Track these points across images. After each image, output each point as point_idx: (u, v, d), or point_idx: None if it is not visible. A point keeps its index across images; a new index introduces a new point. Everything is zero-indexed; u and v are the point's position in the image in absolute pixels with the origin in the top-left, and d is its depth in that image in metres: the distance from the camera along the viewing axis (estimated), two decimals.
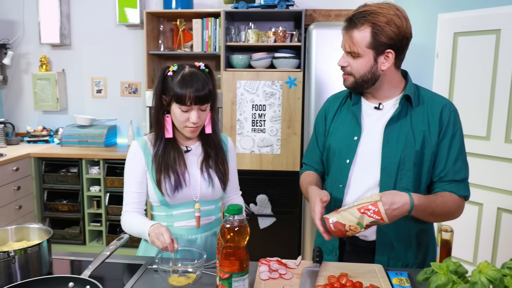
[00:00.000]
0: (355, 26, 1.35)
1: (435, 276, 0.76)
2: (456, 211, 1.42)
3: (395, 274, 1.34)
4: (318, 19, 3.44)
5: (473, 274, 0.72)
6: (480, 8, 2.80)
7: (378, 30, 1.33)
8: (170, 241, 1.36)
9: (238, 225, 1.13)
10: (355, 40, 1.35)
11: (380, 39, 1.34)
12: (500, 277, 0.71)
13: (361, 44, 1.35)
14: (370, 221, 1.27)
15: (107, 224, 3.51)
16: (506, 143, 2.70)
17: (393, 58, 1.38)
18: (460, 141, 1.44)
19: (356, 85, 1.44)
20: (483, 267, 0.72)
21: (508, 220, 2.73)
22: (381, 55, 1.37)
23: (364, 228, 1.30)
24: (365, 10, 1.36)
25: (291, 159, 3.27)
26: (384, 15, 1.34)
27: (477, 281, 0.71)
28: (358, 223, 1.28)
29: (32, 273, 1.30)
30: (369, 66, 1.38)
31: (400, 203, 1.27)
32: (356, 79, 1.42)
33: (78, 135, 3.69)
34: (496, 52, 2.72)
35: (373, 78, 1.41)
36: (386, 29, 1.33)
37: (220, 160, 1.64)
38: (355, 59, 1.39)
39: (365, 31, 1.34)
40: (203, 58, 3.63)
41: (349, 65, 1.41)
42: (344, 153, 1.50)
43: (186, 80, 1.48)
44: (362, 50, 1.36)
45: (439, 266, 0.77)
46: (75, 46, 3.93)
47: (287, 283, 1.28)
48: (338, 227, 1.31)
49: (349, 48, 1.38)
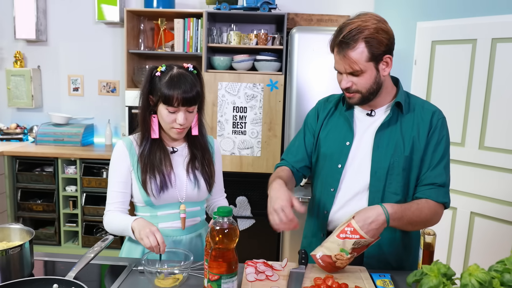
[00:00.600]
0: (348, 47, 1.35)
1: (426, 278, 0.78)
2: (433, 218, 1.45)
3: (379, 276, 1.37)
4: (300, 23, 3.47)
5: (464, 277, 0.75)
6: (458, 18, 2.89)
7: (372, 42, 1.35)
8: (162, 241, 1.35)
9: (228, 227, 1.13)
10: (354, 59, 1.36)
11: (377, 49, 1.36)
12: (489, 280, 0.73)
13: (360, 61, 1.36)
14: (352, 244, 1.29)
15: (83, 224, 3.43)
16: (480, 149, 2.79)
17: (391, 62, 1.41)
18: (445, 148, 1.48)
19: (363, 100, 1.45)
20: (473, 270, 0.75)
21: (480, 224, 2.82)
22: (380, 62, 1.40)
23: (350, 254, 1.31)
24: (351, 28, 1.35)
25: (272, 161, 3.29)
26: (370, 27, 1.35)
27: (468, 283, 0.73)
28: (342, 250, 1.31)
29: (13, 274, 1.27)
30: (374, 78, 1.40)
31: (374, 216, 1.30)
32: (363, 94, 1.43)
33: (54, 133, 3.60)
34: (472, 61, 2.81)
35: (378, 87, 1.44)
36: (379, 38, 1.35)
37: (206, 162, 1.64)
38: (359, 76, 1.40)
39: (360, 48, 1.35)
40: (184, 58, 3.60)
41: (353, 84, 1.41)
42: (336, 158, 1.52)
43: (174, 81, 1.47)
44: (364, 65, 1.37)
45: (430, 268, 0.79)
46: (52, 43, 3.84)
47: (274, 285, 1.29)
48: (326, 260, 1.34)
49: (351, 68, 1.38)
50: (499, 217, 2.72)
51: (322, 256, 1.34)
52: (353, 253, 1.33)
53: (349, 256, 1.32)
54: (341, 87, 1.45)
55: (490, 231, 2.76)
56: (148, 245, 1.36)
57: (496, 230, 2.73)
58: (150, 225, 1.42)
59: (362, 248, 1.35)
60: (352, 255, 1.33)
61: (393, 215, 1.33)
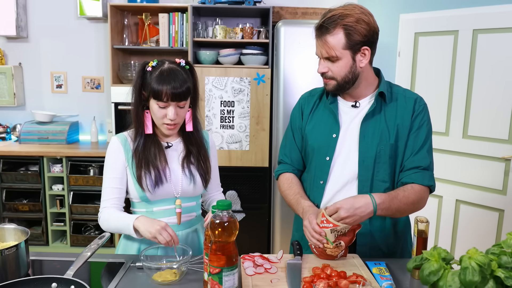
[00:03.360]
0: (328, 32, 1.39)
1: (427, 263, 0.81)
2: (420, 202, 1.48)
3: (374, 264, 1.40)
4: (285, 16, 3.48)
5: (464, 260, 0.78)
6: (440, 9, 2.94)
7: (350, 30, 1.38)
8: (174, 235, 1.38)
9: (228, 220, 1.14)
10: (331, 44, 1.39)
11: (354, 38, 1.39)
12: (488, 262, 0.76)
13: (337, 47, 1.39)
14: (330, 232, 1.35)
15: (71, 223, 3.39)
16: (463, 138, 2.86)
17: (369, 54, 1.44)
18: (427, 132, 1.52)
19: (339, 88, 1.48)
20: (472, 253, 0.78)
21: (466, 211, 2.90)
22: (358, 53, 1.42)
23: (334, 242, 1.36)
24: (332, 14, 1.39)
25: (260, 155, 3.30)
26: (352, 15, 1.39)
27: (468, 266, 0.76)
28: (326, 238, 1.36)
29: (10, 275, 1.26)
30: (349, 66, 1.43)
31: (361, 203, 1.35)
32: (338, 81, 1.46)
33: (38, 132, 3.54)
34: (454, 52, 2.87)
35: (354, 77, 1.46)
36: (358, 28, 1.38)
37: (202, 158, 1.64)
38: (335, 63, 1.43)
39: (338, 34, 1.38)
40: (170, 53, 3.58)
41: (329, 70, 1.45)
42: (323, 151, 1.54)
43: (163, 76, 1.47)
44: (340, 52, 1.40)
45: (430, 253, 0.82)
46: (33, 39, 3.75)
47: (273, 277, 1.31)
48: (318, 249, 1.41)
49: (327, 54, 1.42)
50: (483, 204, 2.80)
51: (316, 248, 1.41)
52: (337, 241, 1.37)
53: (334, 245, 1.36)
54: (318, 71, 1.49)
55: (475, 217, 2.84)
56: (163, 242, 1.38)
57: (481, 216, 2.81)
58: (157, 221, 1.43)
59: (347, 236, 1.39)
60: (338, 244, 1.37)
61: (380, 205, 1.37)
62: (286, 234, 3.23)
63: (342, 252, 1.42)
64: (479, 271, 0.75)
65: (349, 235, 1.39)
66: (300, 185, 1.64)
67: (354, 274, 1.29)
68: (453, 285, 0.77)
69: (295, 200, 1.58)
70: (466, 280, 0.75)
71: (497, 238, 2.79)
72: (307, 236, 1.42)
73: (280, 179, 1.71)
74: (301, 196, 1.57)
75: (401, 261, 1.51)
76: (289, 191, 1.63)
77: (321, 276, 1.28)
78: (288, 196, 1.63)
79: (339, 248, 1.39)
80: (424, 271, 0.80)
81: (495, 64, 2.65)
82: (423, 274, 0.81)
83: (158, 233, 1.38)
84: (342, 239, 1.38)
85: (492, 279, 0.77)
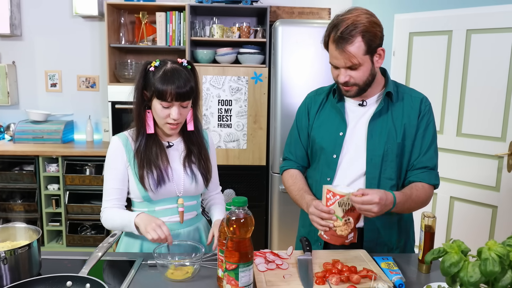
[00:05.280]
0: (347, 42, 1.39)
1: (448, 255, 0.84)
2: (427, 200, 1.55)
3: (382, 259, 1.43)
4: (282, 16, 3.50)
5: (483, 251, 0.81)
6: (434, 10, 3.00)
7: (369, 36, 1.40)
8: (168, 233, 1.37)
9: (244, 216, 1.16)
10: (352, 53, 1.40)
11: (373, 43, 1.42)
12: (507, 253, 0.80)
13: (358, 54, 1.41)
14: (338, 206, 1.37)
15: (67, 223, 3.37)
16: (458, 136, 2.92)
17: (384, 53, 1.47)
18: (433, 132, 1.57)
19: (360, 92, 1.51)
20: (491, 245, 0.81)
21: (460, 207, 2.96)
22: (375, 54, 1.46)
23: (343, 217, 1.38)
24: (347, 24, 1.39)
25: (257, 153, 3.32)
26: (365, 21, 1.40)
27: (488, 257, 0.79)
28: (335, 216, 1.38)
29: (22, 274, 1.26)
30: (369, 70, 1.46)
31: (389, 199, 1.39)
32: (360, 86, 1.49)
33: (33, 131, 3.50)
34: (448, 52, 2.93)
35: (372, 78, 1.50)
36: (374, 31, 1.41)
37: (203, 158, 1.65)
38: (357, 70, 1.45)
39: (358, 42, 1.40)
40: (167, 52, 3.58)
41: (351, 78, 1.46)
42: (330, 149, 1.57)
43: (167, 76, 1.47)
44: (361, 59, 1.42)
45: (450, 246, 0.85)
46: (27, 37, 3.72)
47: (286, 273, 1.33)
48: (328, 233, 1.41)
49: (350, 63, 1.43)
50: (477, 201, 2.85)
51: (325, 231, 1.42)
52: (346, 217, 1.39)
53: (343, 222, 1.38)
54: (339, 81, 1.49)
55: (470, 214, 2.90)
56: (155, 238, 1.38)
57: (475, 213, 2.87)
58: (155, 219, 1.44)
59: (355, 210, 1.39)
60: (347, 220, 1.39)
61: (398, 205, 1.42)
62: (284, 232, 3.26)
63: (352, 235, 1.43)
64: (499, 262, 0.78)
65: (357, 211, 1.40)
66: (304, 181, 1.68)
67: (365, 269, 1.32)
68: (474, 276, 0.80)
69: (299, 195, 1.62)
70: (487, 270, 0.78)
71: (490, 234, 2.85)
72: (315, 222, 1.43)
73: (284, 175, 1.75)
74: (305, 191, 1.61)
75: (405, 256, 1.55)
76: (293, 186, 1.67)
77: (333, 271, 1.30)
78: (292, 191, 1.67)
79: (348, 226, 1.40)
80: (445, 263, 0.83)
81: (488, 63, 2.71)
82: (443, 265, 0.84)
83: (152, 230, 1.39)
84: (350, 215, 1.40)
85: (510, 270, 0.80)
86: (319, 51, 3.06)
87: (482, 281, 0.80)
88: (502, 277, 0.80)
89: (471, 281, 0.80)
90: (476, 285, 0.81)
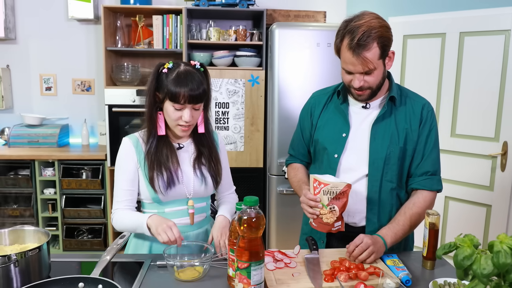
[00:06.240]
0: (365, 48, 1.41)
1: (460, 249, 0.86)
2: (429, 206, 1.59)
3: (387, 257, 1.46)
4: (278, 19, 3.54)
5: (495, 244, 0.84)
6: (428, 13, 3.05)
7: (383, 41, 1.43)
8: (179, 235, 1.38)
9: (255, 216, 1.18)
10: (369, 59, 1.42)
11: (387, 47, 1.46)
12: None
13: (374, 59, 1.43)
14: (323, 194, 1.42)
15: (64, 227, 3.36)
16: (452, 137, 2.97)
17: (393, 56, 1.50)
18: (435, 138, 1.60)
19: (373, 94, 1.54)
20: (503, 238, 0.84)
21: (454, 207, 3.00)
22: (386, 57, 1.49)
23: (328, 205, 1.42)
24: (363, 31, 1.40)
25: (255, 155, 3.34)
26: (377, 26, 1.42)
27: (500, 250, 0.82)
28: (321, 204, 1.43)
29: (33, 277, 1.26)
30: (382, 73, 1.50)
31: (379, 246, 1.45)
32: (373, 90, 1.51)
33: (28, 135, 3.48)
34: (442, 54, 2.98)
35: (383, 80, 1.54)
36: (388, 36, 1.44)
37: (214, 160, 1.65)
38: (371, 74, 1.47)
39: (374, 48, 1.42)
40: (163, 55, 3.58)
41: (365, 82, 1.48)
42: (332, 148, 1.60)
43: (181, 78, 1.48)
44: (376, 63, 1.44)
45: (462, 240, 0.88)
46: (21, 41, 3.69)
47: (294, 271, 1.35)
48: (316, 220, 1.45)
49: (367, 68, 1.44)
50: (471, 200, 2.90)
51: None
52: (331, 205, 1.42)
53: (328, 210, 1.42)
54: (353, 86, 1.50)
55: (464, 213, 2.95)
56: (166, 240, 1.39)
57: (470, 212, 2.92)
58: (166, 220, 1.45)
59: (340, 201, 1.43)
60: (332, 208, 1.42)
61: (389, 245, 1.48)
62: (282, 234, 3.28)
63: (339, 223, 1.46)
64: (511, 254, 0.81)
65: (342, 200, 1.43)
66: (305, 173, 1.75)
67: (372, 266, 1.35)
68: (487, 268, 0.83)
69: (298, 186, 1.70)
70: (500, 262, 0.81)
71: (485, 233, 2.90)
72: (305, 210, 1.48)
73: (288, 168, 1.85)
74: (303, 182, 1.67)
75: (408, 253, 1.59)
76: (294, 178, 1.76)
77: (341, 268, 1.33)
78: (293, 183, 1.76)
79: (333, 214, 1.43)
80: (458, 256, 0.86)
81: (481, 65, 2.76)
82: (457, 259, 0.86)
83: (163, 231, 1.40)
84: (335, 203, 1.42)
85: None
86: (315, 54, 3.13)
87: (494, 273, 0.83)
88: None
89: (484, 273, 0.83)
90: (488, 277, 0.84)
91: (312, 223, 1.47)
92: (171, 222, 1.43)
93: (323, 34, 3.10)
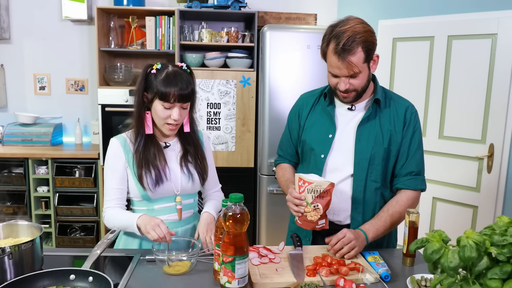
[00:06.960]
0: (350, 53, 1.45)
1: (430, 244, 0.91)
2: (412, 205, 1.63)
3: (368, 254, 1.51)
4: (269, 21, 3.58)
5: (462, 239, 0.89)
6: (417, 16, 3.11)
7: (368, 45, 1.48)
8: (167, 231, 1.43)
9: (240, 212, 1.23)
10: (354, 63, 1.47)
11: (372, 51, 1.51)
12: (483, 240, 0.88)
13: (359, 63, 1.48)
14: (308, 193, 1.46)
15: (57, 225, 3.39)
16: (439, 139, 3.02)
17: (378, 59, 1.56)
18: (419, 139, 1.65)
19: (358, 97, 1.59)
20: (469, 234, 0.89)
21: (442, 208, 3.06)
22: (371, 60, 1.54)
23: (312, 203, 1.47)
24: (348, 36, 1.45)
25: (246, 156, 3.39)
26: (362, 30, 1.47)
27: (466, 244, 0.87)
28: (306, 202, 1.48)
29: (26, 269, 1.30)
30: (367, 75, 1.55)
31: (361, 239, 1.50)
32: (358, 92, 1.56)
33: (22, 133, 3.51)
34: (430, 57, 3.04)
35: (368, 83, 1.59)
36: (372, 40, 1.49)
37: (199, 157, 1.71)
38: (356, 77, 1.52)
39: (359, 52, 1.47)
40: (156, 56, 3.63)
41: (351, 85, 1.53)
42: (319, 149, 1.66)
43: (170, 78, 1.54)
44: (361, 67, 1.49)
45: (432, 235, 0.93)
46: (15, 40, 3.72)
47: (278, 266, 1.40)
48: (301, 218, 1.50)
49: (352, 72, 1.49)
50: (458, 201, 2.96)
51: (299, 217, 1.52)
52: (315, 203, 1.47)
53: (312, 208, 1.47)
54: (339, 89, 1.55)
55: (451, 214, 3.00)
56: (155, 237, 1.44)
57: (457, 213, 2.97)
58: (154, 218, 1.50)
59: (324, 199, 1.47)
60: (315, 206, 1.47)
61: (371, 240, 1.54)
62: (271, 232, 3.33)
63: (323, 221, 1.50)
64: (476, 248, 0.86)
65: (325, 198, 1.48)
66: (292, 173, 1.79)
67: (352, 262, 1.40)
68: (453, 261, 0.88)
69: (285, 185, 1.75)
70: (465, 256, 0.86)
71: None
72: (290, 208, 1.54)
73: (277, 168, 1.90)
74: (290, 182, 1.71)
75: (390, 250, 1.64)
76: (282, 178, 1.80)
77: (323, 264, 1.37)
78: (281, 182, 1.81)
79: (317, 212, 1.48)
80: (428, 250, 0.91)
81: (469, 68, 2.82)
82: (426, 253, 0.91)
83: (151, 229, 1.46)
84: (319, 202, 1.47)
85: (486, 256, 0.89)
86: (306, 56, 3.18)
87: (460, 266, 0.88)
88: (478, 262, 0.88)
89: (451, 266, 0.88)
90: (455, 270, 0.89)
91: (297, 221, 1.53)
92: (158, 219, 1.48)
93: (314, 37, 3.15)
